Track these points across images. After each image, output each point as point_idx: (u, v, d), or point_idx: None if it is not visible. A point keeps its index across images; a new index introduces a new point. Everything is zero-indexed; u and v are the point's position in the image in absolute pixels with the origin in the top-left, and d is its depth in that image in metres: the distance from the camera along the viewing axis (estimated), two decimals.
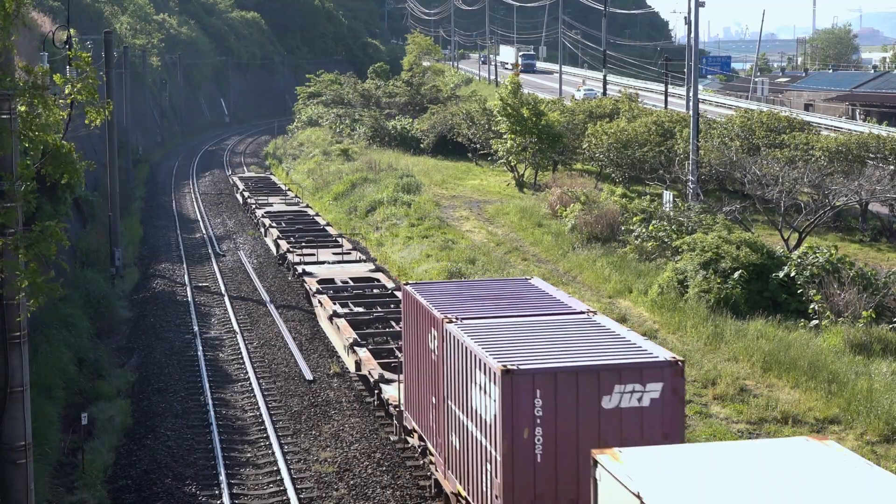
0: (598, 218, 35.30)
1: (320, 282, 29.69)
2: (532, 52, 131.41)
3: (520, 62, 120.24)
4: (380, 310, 26.61)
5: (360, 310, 26.63)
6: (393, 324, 24.88)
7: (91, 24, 68.36)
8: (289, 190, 52.68)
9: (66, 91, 13.29)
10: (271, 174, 61.88)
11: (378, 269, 31.77)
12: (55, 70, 13.53)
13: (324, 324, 27.09)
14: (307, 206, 47.38)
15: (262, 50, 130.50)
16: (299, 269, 31.95)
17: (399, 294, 23.83)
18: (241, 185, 54.50)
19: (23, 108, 12.70)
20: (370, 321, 25.73)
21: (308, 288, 29.56)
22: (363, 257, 34.12)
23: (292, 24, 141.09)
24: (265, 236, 40.79)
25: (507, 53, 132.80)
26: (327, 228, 40.40)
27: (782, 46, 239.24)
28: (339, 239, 36.90)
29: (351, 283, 30.02)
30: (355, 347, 22.80)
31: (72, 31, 16.98)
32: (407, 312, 17.90)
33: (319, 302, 27.47)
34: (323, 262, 32.67)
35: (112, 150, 34.82)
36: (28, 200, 12.83)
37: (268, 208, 45.25)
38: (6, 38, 12.12)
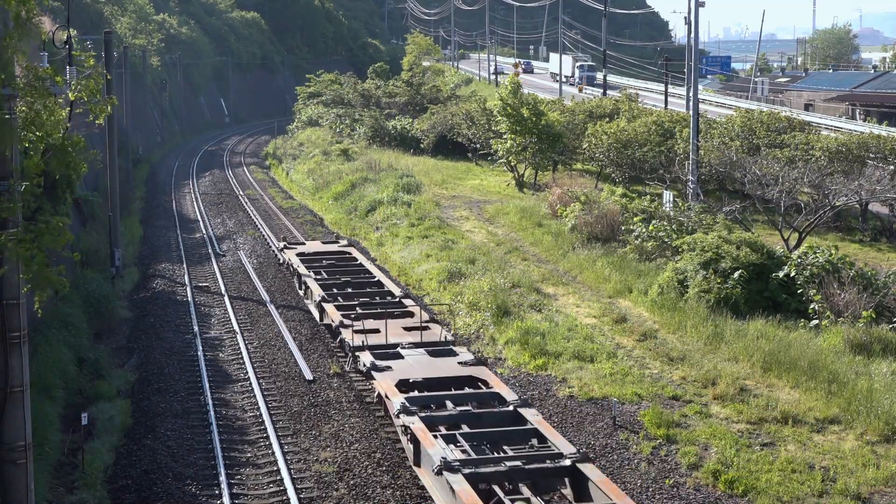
0: (598, 218, 35.30)
1: None
2: (592, 63, 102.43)
3: (576, 74, 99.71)
4: None
5: None
6: None
7: (91, 24, 68.34)
8: (405, 296, 27.47)
9: (73, 86, 13.30)
10: (350, 247, 35.14)
11: None
12: (56, 70, 13.53)
13: None
14: (477, 359, 21.31)
15: (262, 50, 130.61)
16: None
17: None
18: (314, 286, 28.02)
19: (23, 109, 12.70)
20: None
21: None
22: None
23: (292, 24, 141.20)
24: (417, 463, 17.31)
25: (558, 63, 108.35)
26: (546, 434, 17.06)
27: (782, 46, 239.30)
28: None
29: None
30: None
31: (72, 31, 16.99)
32: None
33: None
34: None
35: (112, 150, 34.83)
36: (28, 200, 12.83)
37: (399, 368, 20.63)
38: (16, 43, 12.14)
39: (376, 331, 23.10)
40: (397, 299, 27.00)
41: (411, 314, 25.29)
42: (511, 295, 29.02)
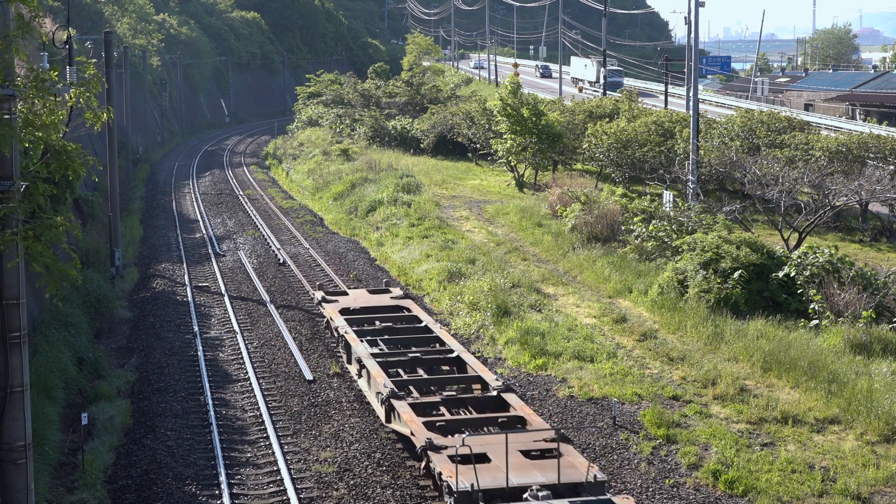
0: (598, 218, 35.31)
1: None
2: (619, 68, 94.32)
3: (601, 79, 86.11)
4: None
5: None
6: None
7: (91, 24, 68.38)
8: (505, 388, 19.15)
9: (71, 93, 13.32)
10: (407, 299, 27.10)
11: None
12: (57, 72, 13.54)
13: None
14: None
15: (262, 50, 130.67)
16: None
17: None
18: (377, 371, 20.30)
19: (24, 109, 12.71)
20: None
21: None
22: None
23: (292, 24, 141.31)
24: None
25: (582, 68, 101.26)
26: None
27: (782, 46, 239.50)
28: None
29: None
30: None
31: (72, 30, 16.98)
32: None
33: None
34: None
35: (112, 150, 34.83)
36: (38, 199, 12.84)
37: None
38: (18, 42, 12.16)
39: (484, 458, 15.46)
40: (495, 392, 18.93)
41: (522, 421, 17.50)
42: (511, 295, 29.02)
